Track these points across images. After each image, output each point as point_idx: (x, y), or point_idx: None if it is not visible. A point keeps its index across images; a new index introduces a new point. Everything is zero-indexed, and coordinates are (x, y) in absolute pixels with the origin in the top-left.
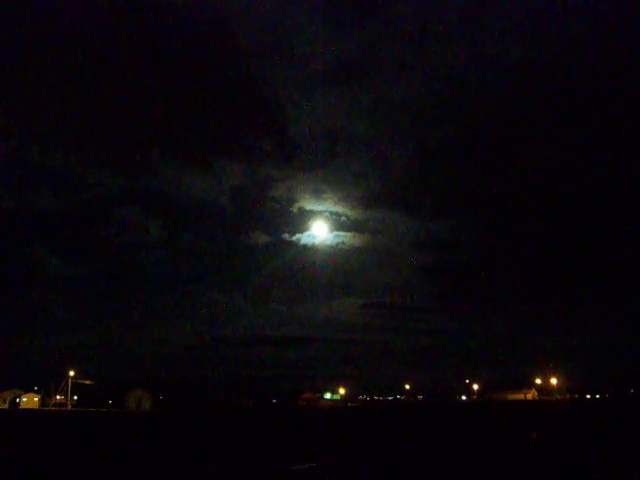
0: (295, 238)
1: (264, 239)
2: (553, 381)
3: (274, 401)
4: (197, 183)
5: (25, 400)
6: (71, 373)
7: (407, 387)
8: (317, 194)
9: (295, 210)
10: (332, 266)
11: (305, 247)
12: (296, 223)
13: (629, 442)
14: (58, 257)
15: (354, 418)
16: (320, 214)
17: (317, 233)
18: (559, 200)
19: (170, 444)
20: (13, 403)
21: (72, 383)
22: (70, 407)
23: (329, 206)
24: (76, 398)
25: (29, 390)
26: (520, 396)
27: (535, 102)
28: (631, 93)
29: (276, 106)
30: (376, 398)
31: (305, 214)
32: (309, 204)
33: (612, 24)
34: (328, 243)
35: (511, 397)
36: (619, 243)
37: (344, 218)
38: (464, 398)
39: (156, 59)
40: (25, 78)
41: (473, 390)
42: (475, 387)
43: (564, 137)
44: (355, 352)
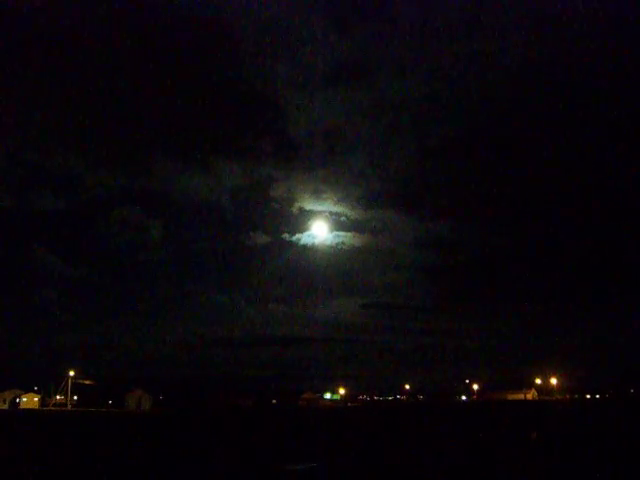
0: (295, 238)
1: (264, 239)
2: (553, 381)
3: (274, 401)
4: (197, 183)
5: (25, 400)
6: (71, 373)
7: (407, 387)
8: (317, 194)
9: (295, 210)
10: (332, 266)
11: (305, 247)
12: (296, 223)
13: (629, 442)
14: (58, 257)
15: (354, 418)
16: (320, 214)
17: (317, 233)
18: (559, 200)
19: (170, 444)
20: (13, 403)
21: (72, 383)
22: (70, 407)
23: (329, 206)
24: (76, 398)
25: (29, 390)
26: (520, 396)
27: (535, 102)
28: (631, 93)
29: (276, 106)
30: (376, 398)
31: (305, 214)
32: (309, 204)
33: (612, 24)
34: (328, 243)
35: (511, 397)
36: (619, 243)
37: (344, 218)
38: (464, 398)
39: (156, 59)
40: (25, 78)
41: (473, 390)
42: (475, 387)
43: (564, 137)
44: (355, 352)
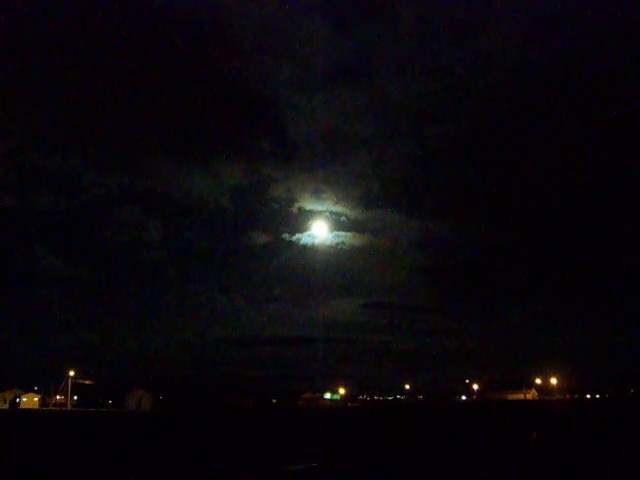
0: (295, 238)
1: (264, 239)
2: (553, 381)
3: (274, 401)
4: (197, 183)
5: (25, 400)
6: (71, 373)
7: (407, 387)
8: (317, 194)
9: (295, 210)
10: (332, 266)
11: (305, 247)
12: (296, 223)
13: (629, 442)
14: (58, 257)
15: (354, 418)
16: (320, 214)
17: (317, 233)
18: (559, 200)
19: (170, 444)
20: (13, 403)
21: (72, 383)
22: (70, 407)
23: (329, 206)
24: (76, 398)
25: (29, 390)
26: (520, 396)
27: (535, 102)
28: (632, 93)
29: (276, 106)
30: (376, 398)
31: (305, 214)
32: (309, 204)
33: (612, 24)
34: (328, 243)
35: (511, 397)
36: (619, 243)
37: (344, 218)
38: (464, 398)
39: (156, 59)
40: (25, 78)
41: (473, 390)
42: (475, 387)
43: (564, 137)
44: (355, 352)
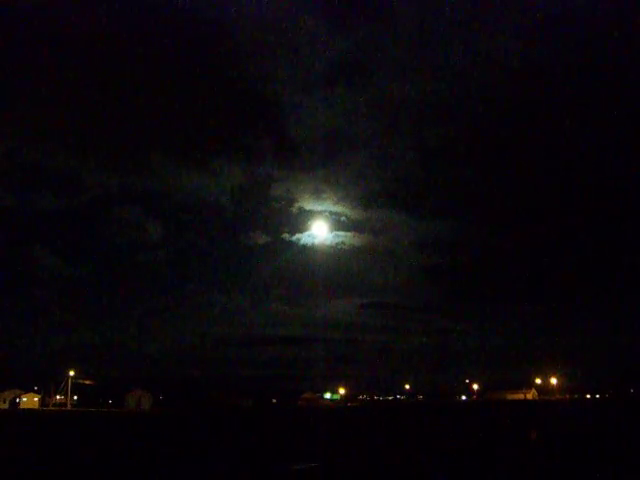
0: (295, 238)
1: (264, 239)
2: (553, 381)
3: (274, 401)
4: (197, 183)
5: (25, 400)
6: (71, 373)
7: (407, 387)
8: (317, 194)
9: (295, 210)
10: (332, 266)
11: (305, 247)
12: (296, 223)
13: (629, 442)
14: (58, 257)
15: (354, 418)
16: (320, 214)
17: (317, 233)
18: (559, 200)
19: (170, 444)
20: (13, 403)
21: (72, 383)
22: (70, 407)
23: (329, 206)
24: (76, 398)
25: (29, 390)
26: (520, 396)
27: (535, 102)
28: (632, 93)
29: (276, 106)
30: (376, 398)
31: (305, 214)
32: (309, 204)
33: (613, 24)
34: (328, 243)
35: (511, 397)
36: (619, 243)
37: (344, 218)
38: (464, 398)
39: (156, 59)
40: (25, 78)
41: (473, 390)
42: (475, 387)
43: (564, 137)
44: (355, 352)
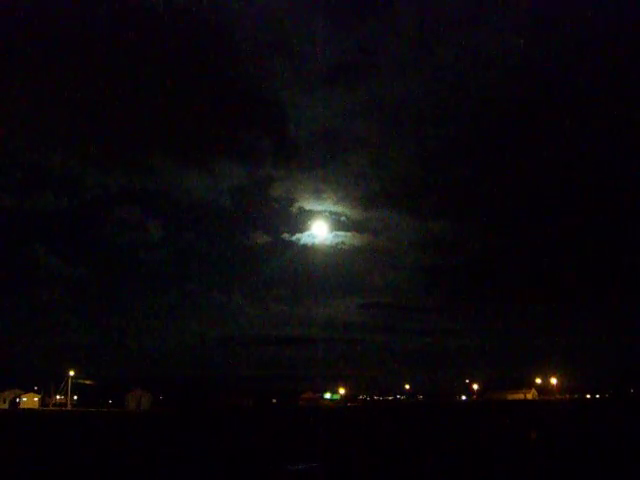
0: (295, 238)
1: (264, 239)
2: (553, 381)
3: (274, 401)
4: (197, 183)
5: (25, 400)
6: (71, 373)
7: (407, 387)
8: (317, 194)
9: (295, 210)
10: (332, 266)
11: (305, 247)
12: (296, 223)
13: (629, 442)
14: (58, 257)
15: (354, 418)
16: (320, 214)
17: (317, 233)
18: (559, 200)
19: (170, 444)
20: (13, 403)
21: (72, 383)
22: (70, 407)
23: (329, 206)
24: (76, 398)
25: (29, 390)
26: (520, 396)
27: (535, 102)
28: (632, 93)
29: (276, 106)
30: (376, 398)
31: (305, 214)
32: (309, 204)
33: (613, 23)
34: (328, 243)
35: (511, 397)
36: (619, 243)
37: (344, 218)
38: (464, 398)
39: (156, 59)
40: (25, 78)
41: (473, 390)
42: (475, 387)
43: (564, 137)
44: (355, 352)
